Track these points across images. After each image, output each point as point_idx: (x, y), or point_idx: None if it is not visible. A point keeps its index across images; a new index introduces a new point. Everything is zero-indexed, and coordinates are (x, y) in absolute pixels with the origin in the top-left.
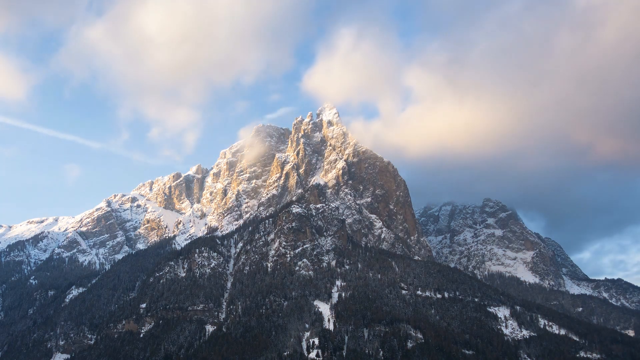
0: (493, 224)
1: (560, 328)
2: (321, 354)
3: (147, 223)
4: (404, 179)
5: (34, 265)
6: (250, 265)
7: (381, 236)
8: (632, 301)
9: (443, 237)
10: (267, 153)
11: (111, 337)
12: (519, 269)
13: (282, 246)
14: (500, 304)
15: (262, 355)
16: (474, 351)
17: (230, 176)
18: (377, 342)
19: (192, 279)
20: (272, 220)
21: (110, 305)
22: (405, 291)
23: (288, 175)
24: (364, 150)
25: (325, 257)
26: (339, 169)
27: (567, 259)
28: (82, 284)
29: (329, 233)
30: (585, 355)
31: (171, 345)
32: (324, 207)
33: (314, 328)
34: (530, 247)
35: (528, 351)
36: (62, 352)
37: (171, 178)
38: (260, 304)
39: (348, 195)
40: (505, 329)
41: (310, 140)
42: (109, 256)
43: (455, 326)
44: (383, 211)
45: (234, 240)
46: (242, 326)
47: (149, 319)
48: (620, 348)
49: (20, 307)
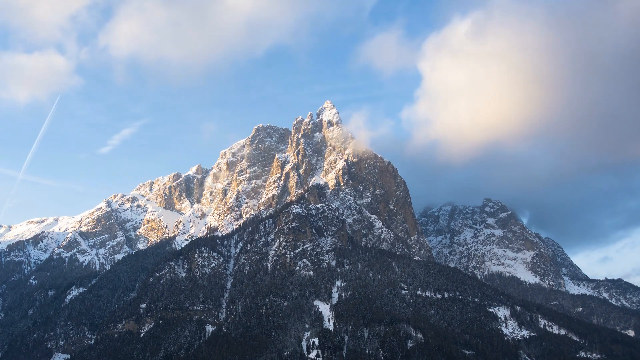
0: (493, 224)
1: (560, 328)
2: (321, 354)
3: (147, 223)
4: (403, 179)
5: (34, 266)
6: (250, 265)
7: (381, 236)
8: (632, 301)
9: (443, 237)
10: (267, 153)
11: (111, 337)
12: (519, 269)
13: (282, 246)
14: (500, 304)
15: (262, 355)
16: (474, 351)
17: (230, 176)
18: (377, 342)
19: (192, 279)
20: (272, 220)
21: (110, 306)
22: (405, 291)
23: (288, 176)
24: (364, 150)
25: (325, 257)
26: (339, 169)
27: (567, 259)
28: (82, 284)
29: (329, 233)
30: (585, 355)
31: (171, 345)
32: (324, 207)
33: (314, 328)
34: (530, 247)
35: (528, 351)
36: (62, 352)
37: (171, 178)
38: (260, 304)
39: (348, 195)
40: (505, 329)
41: (310, 141)
42: (109, 256)
43: (455, 326)
44: (383, 211)
45: (234, 241)
46: (242, 326)
47: (149, 319)
48: (620, 348)
49: (20, 307)
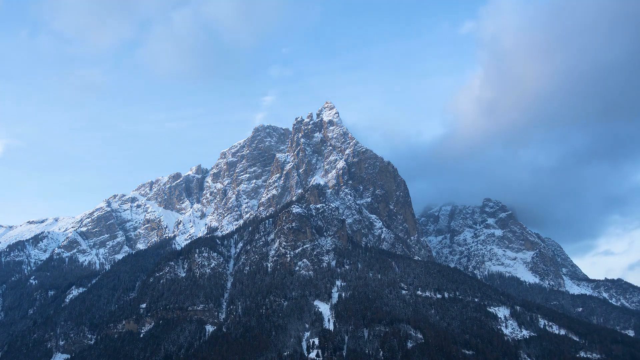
0: (493, 224)
1: (560, 328)
2: (321, 354)
3: (147, 223)
4: (403, 179)
5: (34, 265)
6: (250, 265)
7: (381, 236)
8: (632, 301)
9: (443, 237)
10: (267, 153)
11: (111, 337)
12: (519, 269)
13: (282, 246)
14: (500, 304)
15: (262, 355)
16: (474, 351)
17: (230, 176)
18: (377, 342)
19: (192, 279)
20: (272, 220)
21: (110, 305)
22: (405, 291)
23: (288, 176)
24: (364, 150)
25: (325, 257)
26: (339, 169)
27: (567, 259)
28: (82, 284)
29: (329, 233)
30: (585, 355)
31: (171, 345)
32: (324, 207)
33: (314, 328)
34: (530, 247)
35: (528, 351)
36: (62, 352)
37: (171, 178)
38: (260, 304)
39: (348, 195)
40: (505, 329)
41: (311, 141)
42: (109, 256)
43: (455, 326)
44: (383, 211)
45: (234, 241)
46: (242, 326)
47: (149, 319)
48: (620, 348)
49: (20, 307)
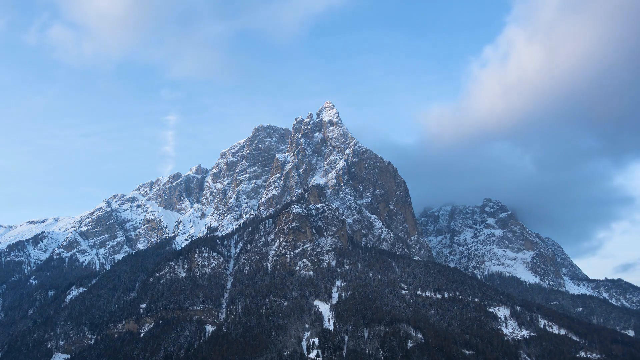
0: (493, 224)
1: (560, 328)
2: (321, 354)
3: (147, 223)
4: (403, 179)
5: (34, 265)
6: (250, 265)
7: (381, 236)
8: (632, 301)
9: (443, 237)
10: (267, 153)
11: (111, 337)
12: (519, 269)
13: (282, 246)
14: (500, 304)
15: (262, 355)
16: (474, 351)
17: (230, 176)
18: (377, 342)
19: (192, 279)
20: (272, 220)
21: (110, 305)
22: (405, 291)
23: (288, 176)
24: (364, 150)
25: (325, 257)
26: (339, 169)
27: (567, 259)
28: (82, 284)
29: (329, 233)
30: (585, 355)
31: (171, 345)
32: (324, 207)
33: (314, 328)
34: (530, 247)
35: (528, 351)
36: (62, 352)
37: (171, 178)
38: (260, 304)
39: (348, 195)
40: (505, 329)
41: (311, 141)
42: (109, 256)
43: (455, 326)
44: (383, 211)
45: (234, 241)
46: (242, 326)
47: (149, 319)
48: (620, 348)
49: (20, 307)
